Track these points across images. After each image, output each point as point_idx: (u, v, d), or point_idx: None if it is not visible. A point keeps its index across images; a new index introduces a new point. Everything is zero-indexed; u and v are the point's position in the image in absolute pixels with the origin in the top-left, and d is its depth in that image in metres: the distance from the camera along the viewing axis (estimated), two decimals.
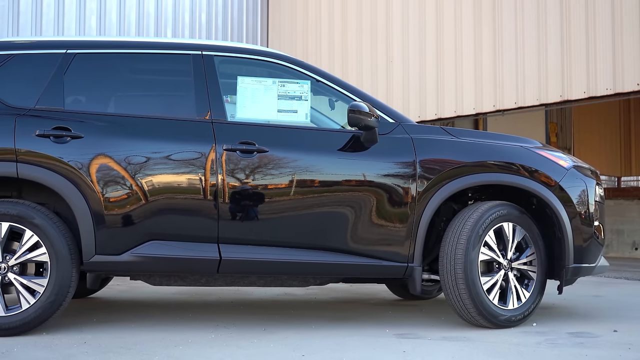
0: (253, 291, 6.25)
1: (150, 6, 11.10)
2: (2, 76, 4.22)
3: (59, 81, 4.24)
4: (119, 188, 4.04)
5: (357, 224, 4.19)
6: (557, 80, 8.42)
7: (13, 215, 3.95)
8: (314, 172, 4.19)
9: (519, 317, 4.32)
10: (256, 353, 3.62)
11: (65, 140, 4.05)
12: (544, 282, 4.46)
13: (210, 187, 4.09)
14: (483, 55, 9.27)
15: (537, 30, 8.67)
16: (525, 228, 4.40)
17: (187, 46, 4.46)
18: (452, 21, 9.67)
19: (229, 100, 4.41)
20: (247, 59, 4.52)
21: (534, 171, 4.43)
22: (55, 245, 3.97)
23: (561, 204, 4.41)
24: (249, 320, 4.64)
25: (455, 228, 4.27)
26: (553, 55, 8.48)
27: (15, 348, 3.66)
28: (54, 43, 4.40)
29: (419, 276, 4.27)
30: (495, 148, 4.48)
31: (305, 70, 4.48)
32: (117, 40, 4.56)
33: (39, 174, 4.00)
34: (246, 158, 4.14)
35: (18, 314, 3.93)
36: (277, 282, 4.40)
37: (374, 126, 4.19)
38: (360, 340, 3.96)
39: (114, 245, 4.04)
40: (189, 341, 3.90)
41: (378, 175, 4.23)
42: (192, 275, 4.31)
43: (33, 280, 3.97)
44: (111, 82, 4.45)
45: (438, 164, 4.29)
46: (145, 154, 4.09)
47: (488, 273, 4.30)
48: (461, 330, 4.27)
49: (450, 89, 9.68)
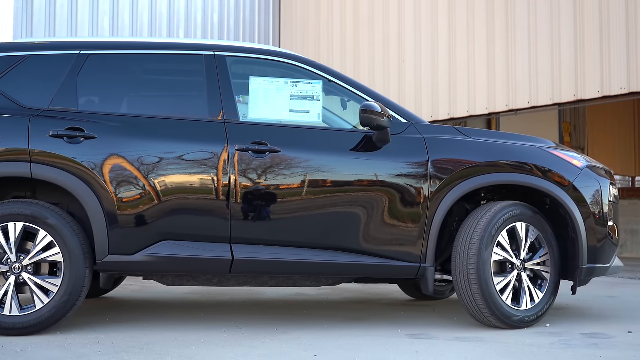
0: (265, 291, 6.26)
1: (162, 7, 11.14)
2: (16, 77, 4.25)
3: (73, 82, 4.26)
4: (132, 188, 4.06)
5: (369, 224, 4.18)
6: (571, 79, 8.37)
7: (27, 215, 3.98)
8: (327, 172, 4.18)
9: (533, 318, 4.30)
10: (269, 353, 3.62)
11: (78, 141, 4.07)
12: (557, 282, 4.43)
13: (222, 188, 4.10)
14: (496, 55, 9.23)
15: (551, 29, 8.62)
16: (538, 228, 4.37)
17: (200, 47, 4.47)
18: (464, 21, 9.64)
19: (241, 100, 4.41)
20: (260, 59, 4.52)
21: (547, 171, 4.41)
22: (68, 245, 3.99)
23: (575, 204, 4.39)
24: (261, 320, 4.64)
25: (468, 228, 4.25)
26: (566, 54, 8.43)
27: (29, 347, 3.68)
28: (68, 44, 4.42)
29: (432, 276, 4.25)
30: (508, 148, 4.46)
31: (317, 70, 4.48)
32: (129, 41, 4.58)
33: (53, 174, 4.03)
34: (258, 158, 4.15)
35: (32, 313, 3.95)
36: (290, 282, 4.40)
37: (386, 126, 4.18)
38: (372, 341, 3.95)
39: (127, 245, 4.05)
40: (202, 341, 3.91)
41: (390, 175, 4.22)
42: (205, 275, 4.32)
43: (47, 280, 3.99)
44: (124, 82, 4.47)
45: (451, 164, 4.28)
46: (158, 154, 4.10)
47: (501, 273, 4.28)
48: (474, 331, 4.25)
49: (463, 88, 9.65)
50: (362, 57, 11.17)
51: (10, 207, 3.98)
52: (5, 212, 3.97)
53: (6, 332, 3.93)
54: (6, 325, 3.92)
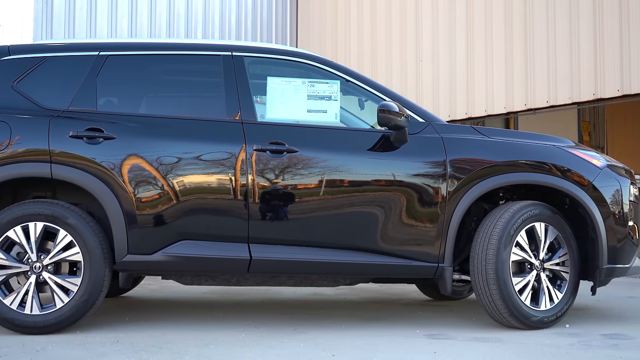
0: (283, 291, 6.27)
1: (180, 8, 11.19)
2: (36, 78, 4.29)
3: (92, 83, 4.29)
4: (150, 188, 4.08)
5: (387, 223, 4.17)
6: (590, 78, 8.30)
7: (47, 215, 4.02)
8: (344, 172, 4.18)
9: (552, 318, 4.27)
10: (286, 353, 3.62)
11: (98, 141, 4.11)
12: (577, 283, 4.40)
13: (240, 187, 4.11)
14: (514, 53, 9.17)
15: (569, 27, 8.55)
16: (557, 228, 4.34)
17: (217, 47, 4.49)
18: (482, 18, 9.59)
19: (259, 100, 4.43)
20: (277, 59, 4.53)
21: (566, 170, 4.37)
22: (88, 245, 4.02)
23: (595, 204, 4.35)
24: (279, 320, 4.65)
25: (487, 228, 4.23)
26: (586, 52, 8.35)
27: (50, 346, 3.72)
28: (87, 45, 4.46)
29: (450, 276, 4.24)
30: (527, 147, 4.43)
31: (334, 70, 4.48)
32: (148, 42, 4.61)
33: (73, 174, 4.06)
34: (276, 158, 4.15)
35: (52, 312, 3.99)
36: (307, 282, 4.40)
37: (403, 126, 4.17)
38: (390, 341, 3.94)
39: (145, 244, 4.08)
40: (220, 340, 3.93)
41: (408, 175, 4.21)
42: (223, 275, 4.34)
43: (67, 280, 4.03)
44: (142, 83, 4.50)
45: (469, 164, 4.26)
46: (176, 155, 4.12)
47: (520, 273, 4.26)
48: (492, 331, 4.23)
49: (481, 87, 9.59)
50: (379, 56, 11.15)
51: (30, 207, 4.03)
52: (26, 211, 4.01)
53: (27, 330, 3.97)
54: (27, 323, 3.96)
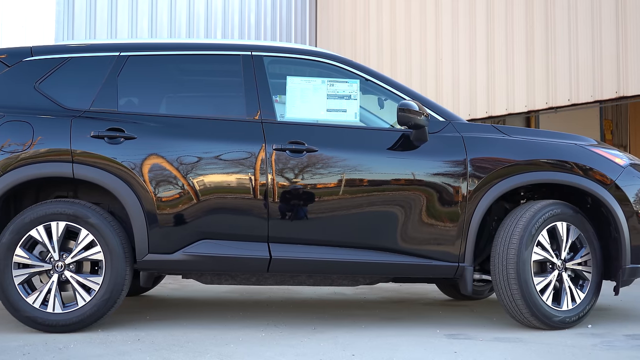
0: (303, 290, 6.27)
1: (200, 8, 11.24)
2: (58, 79, 4.33)
3: (113, 83, 4.32)
4: (171, 188, 4.10)
5: (407, 223, 4.16)
6: (613, 75, 8.21)
7: (69, 214, 4.05)
8: (364, 172, 4.18)
9: (574, 319, 4.24)
10: (306, 352, 3.63)
11: (119, 141, 4.14)
12: (599, 282, 4.36)
13: (260, 187, 4.12)
14: (535, 51, 9.10)
15: (591, 24, 8.46)
16: (579, 227, 4.30)
17: (237, 47, 4.50)
18: (503, 16, 9.53)
19: (278, 100, 4.43)
20: (296, 58, 4.53)
21: (588, 169, 4.33)
22: (109, 244, 4.05)
23: (617, 203, 4.30)
24: (299, 319, 4.65)
25: (508, 227, 4.20)
26: (608, 49, 8.26)
27: (72, 344, 3.75)
28: (108, 46, 4.49)
29: (470, 276, 4.22)
30: (548, 146, 4.39)
31: (354, 69, 4.48)
32: (168, 42, 4.63)
33: (94, 174, 4.09)
34: (295, 157, 4.16)
35: (74, 311, 4.03)
36: (327, 282, 4.40)
37: (423, 125, 4.16)
38: (410, 341, 3.93)
39: (166, 244, 4.10)
40: (240, 339, 3.94)
41: (428, 174, 4.19)
42: (243, 274, 4.35)
43: (88, 278, 4.06)
44: (163, 83, 4.53)
45: (489, 163, 4.24)
46: (197, 154, 4.14)
47: (541, 273, 4.22)
48: (513, 331, 4.20)
49: (501, 86, 9.53)
50: (399, 55, 11.12)
51: (53, 207, 4.07)
52: (48, 211, 4.05)
53: (49, 329, 4.01)
54: (49, 322, 4.00)
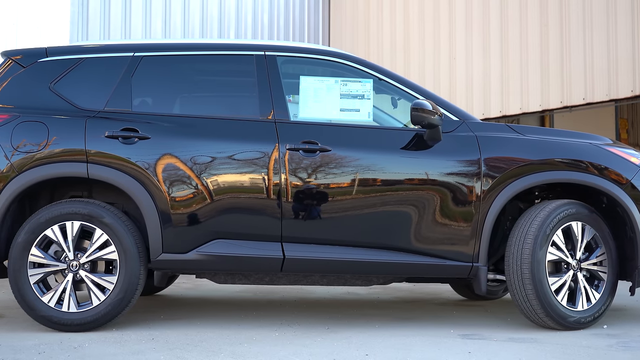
0: (316, 290, 6.27)
1: (213, 8, 11.27)
2: (73, 79, 4.35)
3: (127, 83, 4.34)
4: (184, 187, 4.12)
5: (420, 223, 4.15)
6: (628, 74, 8.14)
7: (84, 214, 4.07)
8: (377, 171, 4.17)
9: (589, 319, 4.21)
10: (320, 352, 3.62)
11: (133, 141, 4.15)
12: (615, 283, 4.33)
13: (273, 187, 4.12)
14: (549, 49, 9.05)
15: (607, 22, 8.40)
16: (594, 227, 4.27)
17: (250, 47, 4.51)
18: (517, 14, 9.48)
19: (292, 99, 4.43)
20: (310, 58, 4.53)
21: (603, 169, 4.30)
22: (124, 244, 4.07)
23: (633, 203, 4.27)
24: (312, 319, 4.65)
25: (522, 227, 4.18)
26: (623, 47, 8.20)
27: (86, 343, 3.77)
28: (122, 46, 4.51)
29: (484, 276, 4.20)
30: (563, 145, 4.36)
31: (367, 68, 4.47)
32: (182, 43, 4.64)
33: (108, 174, 4.11)
34: (309, 157, 4.16)
35: (89, 310, 4.05)
36: (340, 281, 4.40)
37: (437, 124, 4.14)
38: (424, 341, 3.92)
39: (180, 243, 4.11)
40: (253, 339, 3.94)
41: (442, 173, 4.18)
42: (256, 273, 4.36)
43: (103, 278, 4.08)
44: (176, 83, 4.54)
45: (503, 162, 4.22)
46: (210, 154, 4.15)
47: (556, 273, 4.20)
48: (528, 332, 4.18)
49: (515, 85, 9.48)
50: (412, 55, 11.09)
51: (68, 207, 4.09)
52: (63, 211, 4.07)
53: (64, 328, 4.04)
54: (64, 321, 4.02)
